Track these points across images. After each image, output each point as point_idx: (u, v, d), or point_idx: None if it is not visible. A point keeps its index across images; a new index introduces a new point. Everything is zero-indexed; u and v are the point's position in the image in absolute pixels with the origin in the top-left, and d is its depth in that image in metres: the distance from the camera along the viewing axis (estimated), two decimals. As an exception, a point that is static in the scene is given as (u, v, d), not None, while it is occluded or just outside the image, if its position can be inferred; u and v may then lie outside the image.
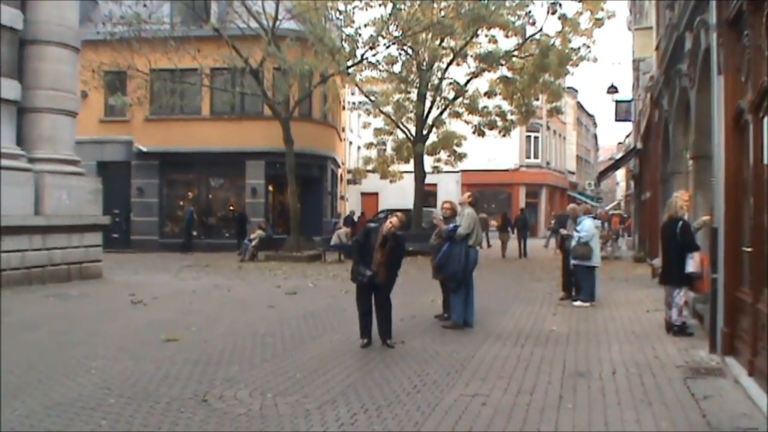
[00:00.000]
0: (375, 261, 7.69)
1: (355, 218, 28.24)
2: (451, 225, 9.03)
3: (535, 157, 45.01)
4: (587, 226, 11.17)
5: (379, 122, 28.83)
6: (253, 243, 21.18)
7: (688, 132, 11.63)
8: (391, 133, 28.52)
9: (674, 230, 8.36)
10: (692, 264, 8.21)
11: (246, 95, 23.20)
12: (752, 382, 5.70)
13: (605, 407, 5.36)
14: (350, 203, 41.07)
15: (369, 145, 31.01)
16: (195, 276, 15.79)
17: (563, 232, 12.05)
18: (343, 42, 21.55)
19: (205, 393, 5.71)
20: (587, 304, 11.08)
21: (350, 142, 40.83)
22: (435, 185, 36.70)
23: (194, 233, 24.95)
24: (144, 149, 25.18)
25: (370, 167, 31.76)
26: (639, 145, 24.43)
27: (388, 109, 26.04)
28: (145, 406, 5.32)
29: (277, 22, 20.74)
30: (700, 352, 7.35)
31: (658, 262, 10.16)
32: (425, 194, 28.15)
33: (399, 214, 8.01)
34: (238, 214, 24.66)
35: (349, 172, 37.92)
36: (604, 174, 35.71)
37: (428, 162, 28.19)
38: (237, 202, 25.95)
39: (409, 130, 25.76)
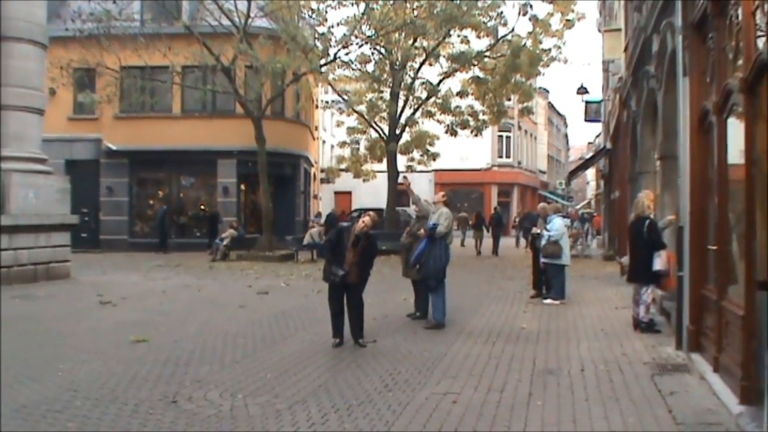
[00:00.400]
0: (347, 260, 7.68)
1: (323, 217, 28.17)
2: (431, 223, 9.05)
3: (507, 156, 45.39)
4: (557, 225, 11.29)
5: (352, 121, 28.81)
6: (225, 242, 21.01)
7: (655, 132, 11.81)
8: (364, 132, 28.52)
9: (641, 229, 8.49)
10: (659, 262, 8.35)
11: (218, 93, 22.98)
12: (717, 378, 5.81)
13: (574, 404, 5.43)
14: (323, 202, 40.94)
15: (342, 144, 30.99)
16: (165, 276, 15.60)
17: (534, 231, 12.16)
18: (316, 40, 21.47)
19: (175, 394, 5.65)
20: (557, 302, 11.20)
21: (323, 141, 40.70)
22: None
23: (168, 232, 24.60)
24: (113, 147, 24.80)
25: (343, 166, 31.73)
26: (608, 145, 24.75)
27: (362, 108, 26.04)
28: (113, 407, 5.24)
29: (249, 20, 20.58)
30: (667, 348, 7.48)
31: (626, 260, 10.30)
32: (398, 193, 28.23)
33: (371, 213, 8.02)
34: (210, 213, 24.44)
35: (322, 171, 37.79)
36: (574, 173, 36.14)
37: (401, 161, 28.25)
38: (208, 201, 25.71)
39: (382, 130, 25.78)
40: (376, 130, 26.09)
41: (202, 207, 25.82)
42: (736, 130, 5.66)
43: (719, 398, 5.39)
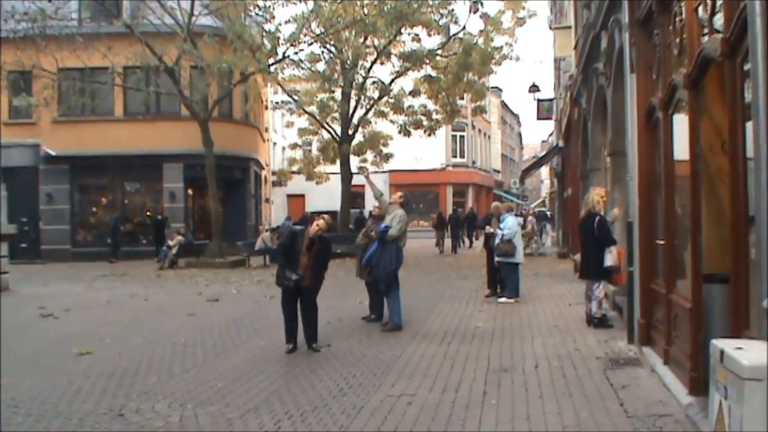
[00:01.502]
0: (301, 264, 7.67)
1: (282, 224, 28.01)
2: (382, 225, 9.09)
3: (461, 156, 45.90)
4: (510, 224, 11.48)
5: (303, 122, 28.69)
6: (173, 249, 20.67)
7: (605, 129, 12.10)
8: (316, 133, 28.45)
9: (591, 225, 8.71)
10: (610, 258, 8.58)
11: (162, 95, 22.60)
12: (667, 371, 6.01)
13: (528, 400, 5.55)
14: (276, 206, 40.68)
15: (294, 146, 30.83)
16: (110, 286, 15.28)
17: (488, 230, 12.32)
18: (264, 39, 21.33)
19: (121, 407, 5.57)
20: (512, 300, 11.40)
21: (274, 143, 40.42)
22: (362, 186, 36.64)
23: (120, 241, 23.97)
24: (53, 153, 24.10)
25: (295, 168, 31.56)
26: (561, 143, 25.26)
27: (312, 108, 25.96)
28: (56, 423, 5.13)
29: (193, 19, 20.32)
30: (619, 343, 7.70)
31: (578, 257, 10.54)
32: (352, 195, 28.22)
33: (325, 216, 8.04)
34: (157, 220, 23.99)
35: (273, 173, 37.51)
36: (528, 172, 36.84)
37: (355, 162, 28.27)
38: (155, 207, 25.24)
39: (334, 130, 25.76)
40: (328, 131, 26.06)
41: (148, 213, 25.33)
42: (681, 125, 5.86)
43: (669, 390, 5.58)
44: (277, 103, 29.52)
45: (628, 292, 7.65)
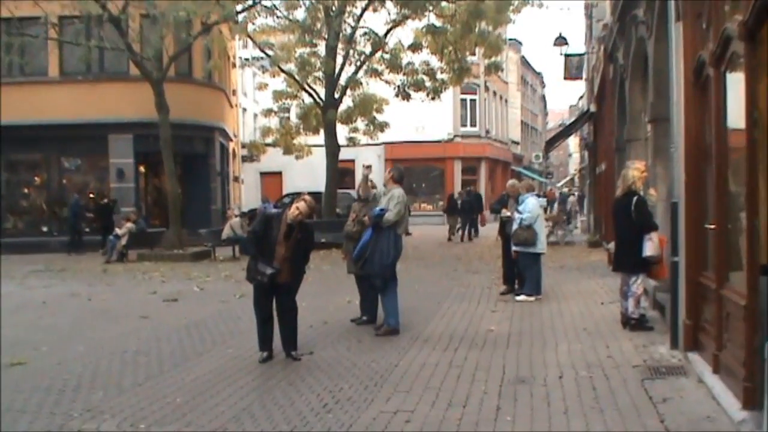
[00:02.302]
0: (277, 256, 7.69)
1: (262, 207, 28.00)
2: (377, 209, 9.09)
3: (472, 125, 45.84)
4: (530, 206, 11.52)
5: (279, 83, 28.59)
6: (122, 239, 20.67)
7: (645, 91, 12.14)
8: (295, 97, 28.37)
9: (628, 207, 8.74)
10: (650, 246, 8.62)
11: (106, 51, 22.49)
12: (717, 380, 6.08)
13: (550, 417, 5.61)
14: (247, 186, 40.66)
15: (268, 113, 30.73)
16: (46, 283, 15.31)
17: (503, 213, 12.36)
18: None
19: (61, 426, 5.62)
20: (532, 298, 11.46)
21: (244, 109, 40.31)
22: (352, 161, 36.85)
23: (81, 228, 23.87)
24: (-28, 122, 24.03)
25: (270, 140, 31.50)
26: (592, 108, 25.28)
27: (291, 66, 25.85)
28: (-20, 447, 5.17)
29: (144, -43, 20.20)
30: (660, 348, 7.77)
31: (613, 246, 10.60)
32: (340, 173, 28.21)
33: (307, 197, 7.99)
34: (102, 203, 23.96)
35: (243, 146, 37.45)
36: (552, 143, 36.77)
37: (343, 132, 28.24)
38: (99, 189, 25.21)
39: (317, 93, 25.70)
40: (310, 95, 26.00)
41: (92, 195, 25.32)
42: (736, 85, 5.85)
43: (719, 403, 5.65)
44: (247, 60, 29.38)
45: (672, 288, 7.70)
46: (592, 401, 5.99)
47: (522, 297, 11.56)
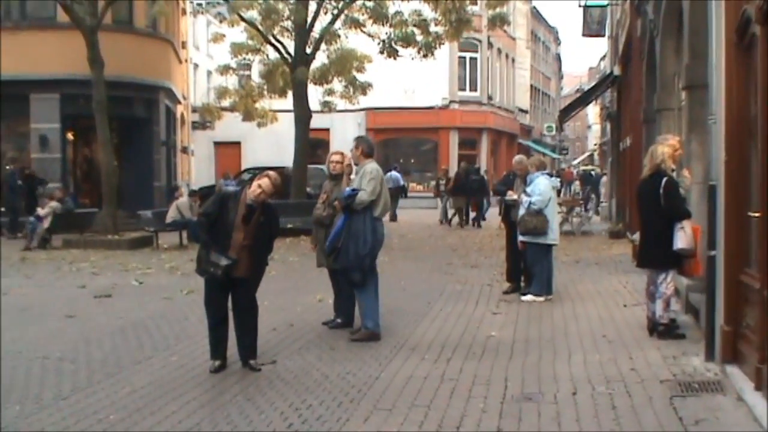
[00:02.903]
0: (234, 244, 7.66)
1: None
2: (347, 189, 9.08)
3: (472, 89, 45.90)
4: (541, 188, 11.53)
5: (239, 34, 28.43)
6: (44, 222, 20.53)
7: (680, 52, 12.16)
8: (258, 52, 28.22)
9: (656, 190, 8.75)
10: (682, 238, 8.64)
11: (28, -9, 22.28)
12: (759, 399, 6.13)
13: (560, 441, 5.64)
14: (198, 158, 40.53)
15: (224, 70, 30.52)
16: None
17: (509, 196, 12.38)
18: None
19: (-33, 449, 5.59)
20: (541, 298, 11.50)
21: (195, 65, 40.13)
22: (326, 130, 36.88)
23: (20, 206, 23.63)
24: None
25: (226, 103, 31.34)
26: (616, 71, 25.36)
27: (253, 14, 25.70)
28: None
29: None
30: (693, 359, 7.82)
31: (639, 236, 10.65)
32: (312, 144, 28.14)
33: (271, 173, 7.97)
34: (22, 177, 23.75)
35: (194, 110, 37.31)
36: (568, 113, 36.85)
37: (316, 96, 28.13)
38: (18, 159, 25.02)
39: (285, 48, 25.57)
40: (277, 49, 25.86)
41: (8, 167, 25.10)
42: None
43: (762, 425, 5.69)
44: (200, 5, 29.17)
45: (708, 288, 7.75)
46: (611, 423, 6.03)
47: (529, 297, 11.60)
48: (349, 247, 8.94)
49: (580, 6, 28.14)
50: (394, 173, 31.30)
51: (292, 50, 25.29)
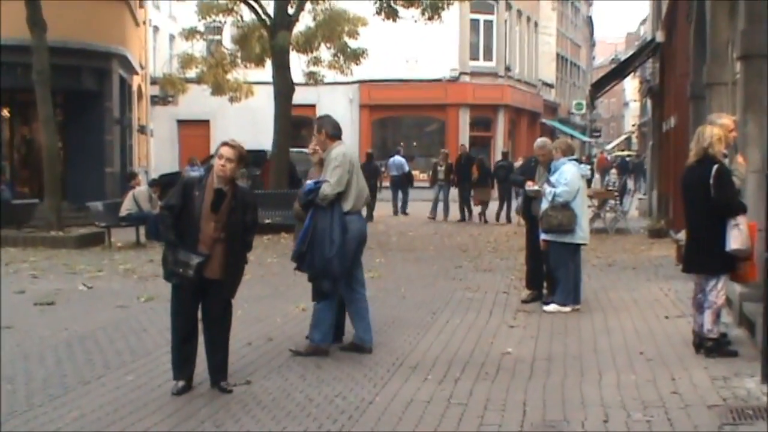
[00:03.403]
0: (204, 238, 7.63)
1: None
2: (310, 182, 9.07)
3: (487, 58, 45.85)
4: (568, 176, 11.52)
5: (206, -8, 28.49)
6: (-25, 214, 20.59)
7: (734, 15, 12.19)
8: (230, 12, 28.22)
9: (705, 180, 8.77)
10: (735, 237, 8.64)
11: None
12: (825, 428, 6.18)
13: (588, 478, 5.68)
14: (159, 140, 40.50)
15: (190, 34, 30.51)
16: None
17: (529, 187, 12.38)
18: None
19: None
20: (567, 308, 11.51)
21: (156, 28, 40.10)
22: (312, 107, 36.79)
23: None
24: None
25: (192, 74, 31.33)
26: (658, 38, 25.35)
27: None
28: None
29: None
30: (747, 381, 7.85)
31: (684, 236, 10.66)
32: (295, 123, 28.11)
33: (233, 141, 7.88)
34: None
35: (154, 82, 37.26)
36: (600, 87, 36.83)
37: (299, 65, 28.13)
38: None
39: (262, 7, 25.58)
40: (253, 9, 25.87)
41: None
42: None
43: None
44: (161, -43, 29.19)
45: (765, 297, 7.77)
46: (648, 456, 6.07)
47: (553, 307, 11.60)
48: (314, 250, 8.88)
49: (615, -40, 28.15)
50: (397, 158, 31.30)
51: (271, 11, 25.29)
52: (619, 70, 35.44)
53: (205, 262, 7.56)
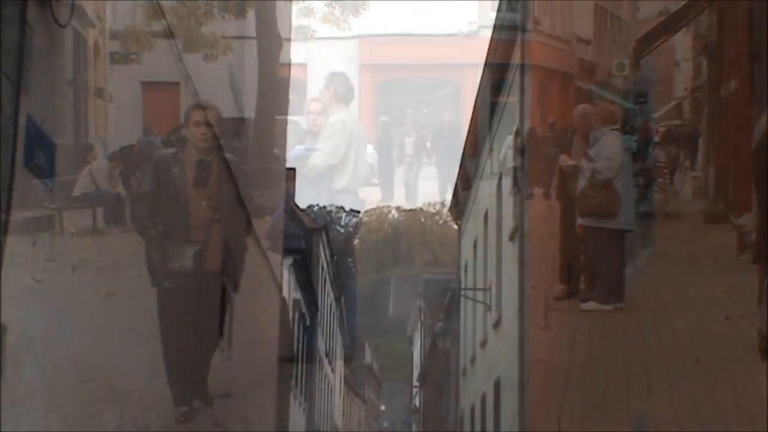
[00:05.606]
0: (196, 221, 7.60)
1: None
2: (300, 147, 9.07)
3: (510, 9, 45.81)
4: (610, 150, 11.54)
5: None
6: None
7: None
8: (204, -47, 28.29)
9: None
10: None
11: None
12: None
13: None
14: (118, 105, 40.49)
15: (156, -20, 30.64)
16: None
17: (564, 161, 12.38)
18: None
19: None
20: (608, 306, 11.51)
21: (115, -27, 40.06)
22: (303, 66, 36.79)
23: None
24: None
25: (160, 27, 31.40)
26: (716, -14, 25.35)
27: None
28: None
29: None
30: (825, 395, 7.87)
31: (748, 221, 10.66)
32: (283, 85, 28.16)
33: (206, 101, 7.92)
34: None
35: (114, 37, 37.29)
36: (647, 44, 36.81)
37: (288, 16, 28.17)
38: None
39: (242, -52, 25.62)
40: (231, -51, 25.92)
41: None
42: None
43: None
44: None
45: None
46: (707, 481, 6.09)
47: (591, 305, 11.61)
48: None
49: None
50: None
51: (254, -48, 25.36)
52: (669, 25, 35.43)
53: (199, 253, 7.45)
